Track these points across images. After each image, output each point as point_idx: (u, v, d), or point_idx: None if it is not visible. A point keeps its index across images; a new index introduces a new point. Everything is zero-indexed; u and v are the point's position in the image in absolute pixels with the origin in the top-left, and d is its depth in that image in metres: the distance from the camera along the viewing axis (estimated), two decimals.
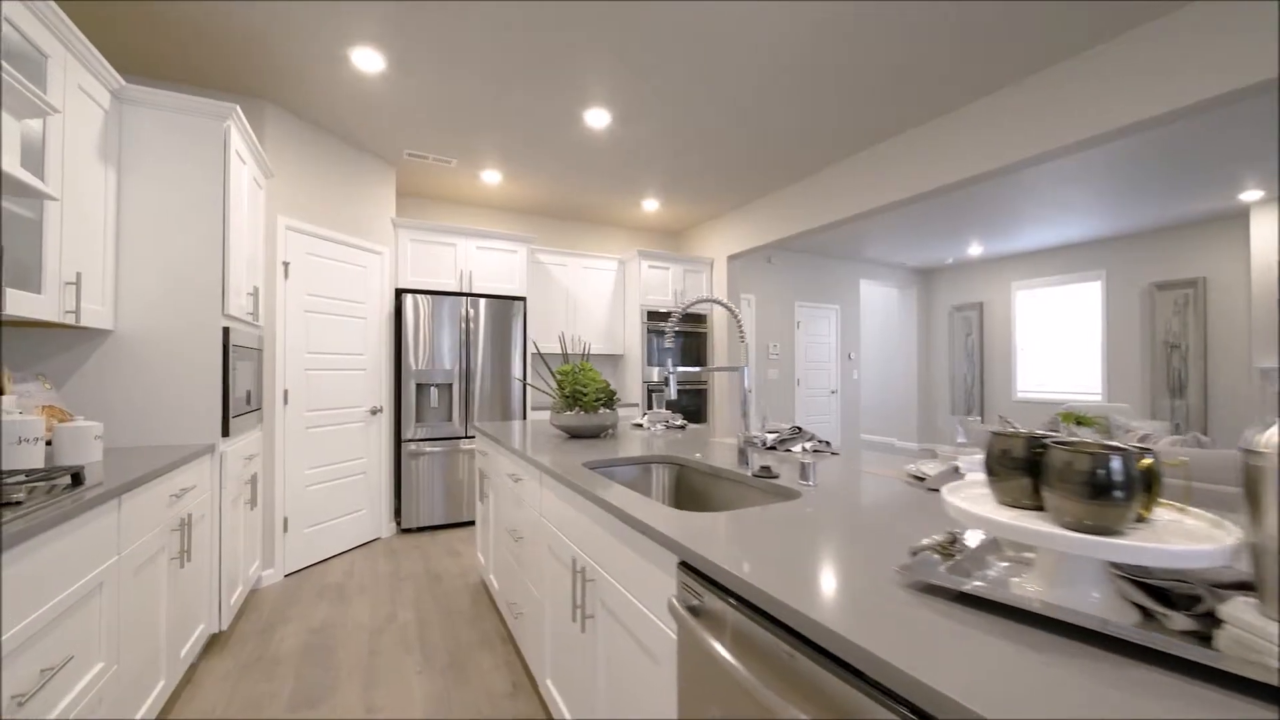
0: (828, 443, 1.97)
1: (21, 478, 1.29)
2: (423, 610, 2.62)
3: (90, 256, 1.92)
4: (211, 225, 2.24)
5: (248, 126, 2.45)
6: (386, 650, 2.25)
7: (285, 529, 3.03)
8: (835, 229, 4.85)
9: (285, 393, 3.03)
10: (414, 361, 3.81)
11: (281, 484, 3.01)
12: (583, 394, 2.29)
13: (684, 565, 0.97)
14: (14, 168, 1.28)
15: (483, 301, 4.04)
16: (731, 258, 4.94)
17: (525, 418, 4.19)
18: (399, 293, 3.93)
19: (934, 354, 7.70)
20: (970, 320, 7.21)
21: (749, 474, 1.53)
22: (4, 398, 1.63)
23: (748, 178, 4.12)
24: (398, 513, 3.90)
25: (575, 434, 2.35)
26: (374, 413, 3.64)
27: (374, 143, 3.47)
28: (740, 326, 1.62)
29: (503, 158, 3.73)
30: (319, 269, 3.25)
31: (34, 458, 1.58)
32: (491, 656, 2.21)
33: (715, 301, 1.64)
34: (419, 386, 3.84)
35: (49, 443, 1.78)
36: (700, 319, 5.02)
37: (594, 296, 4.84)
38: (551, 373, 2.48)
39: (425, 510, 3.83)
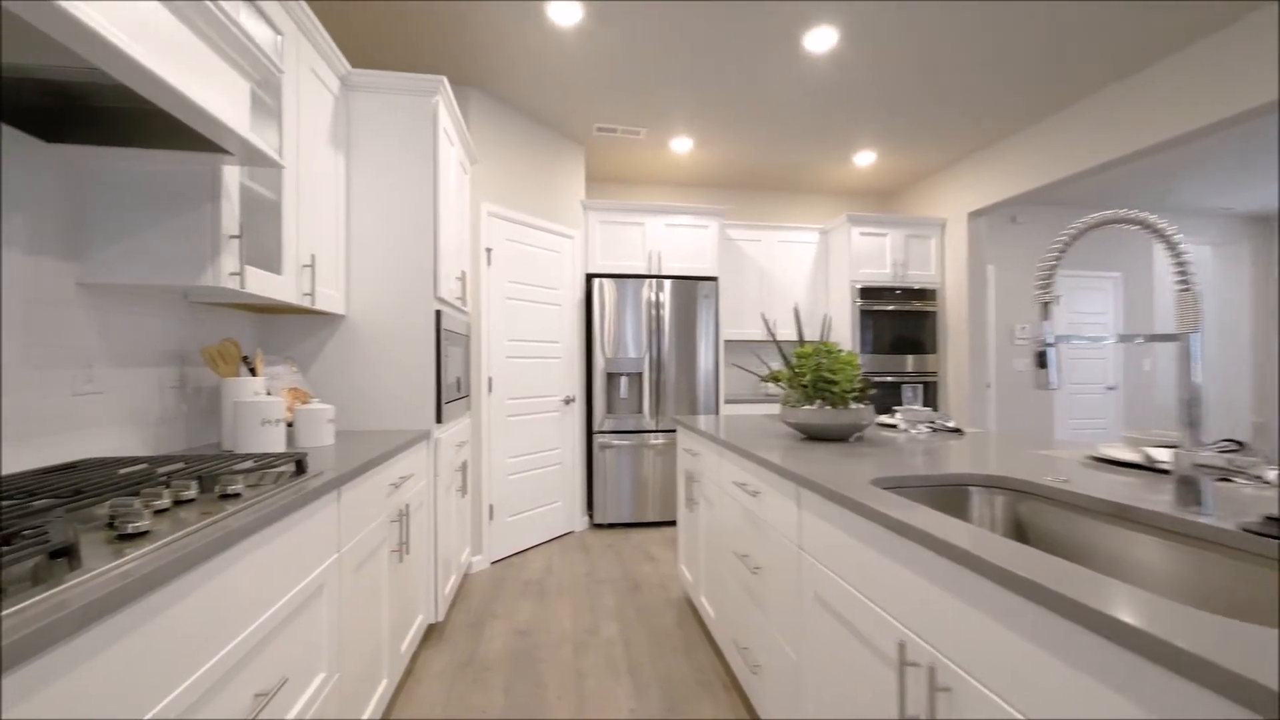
0: None
1: (250, 464, 1.19)
2: (626, 625, 2.32)
3: (323, 241, 1.94)
4: (423, 205, 2.18)
5: (454, 102, 2.38)
6: (594, 673, 1.97)
7: (491, 517, 3.02)
8: (1123, 167, 3.50)
9: (489, 380, 3.01)
10: (603, 350, 3.62)
11: (487, 472, 3.00)
12: (830, 383, 1.73)
13: None
14: (242, 126, 1.19)
15: (672, 284, 3.69)
16: (974, 215, 3.88)
17: (719, 411, 3.76)
18: (589, 278, 3.78)
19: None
20: None
21: (1230, 526, 0.83)
22: (255, 379, 1.65)
23: (1001, 104, 3.10)
24: (589, 506, 3.77)
25: (816, 435, 1.80)
26: (567, 402, 3.53)
27: (565, 120, 3.32)
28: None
29: (695, 120, 3.31)
30: (517, 255, 3.19)
31: (276, 440, 1.56)
32: (714, 705, 1.79)
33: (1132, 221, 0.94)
34: (609, 376, 3.64)
35: (290, 424, 1.81)
36: (924, 294, 4.05)
37: (791, 274, 4.20)
38: (785, 360, 1.96)
39: (615, 506, 3.62)
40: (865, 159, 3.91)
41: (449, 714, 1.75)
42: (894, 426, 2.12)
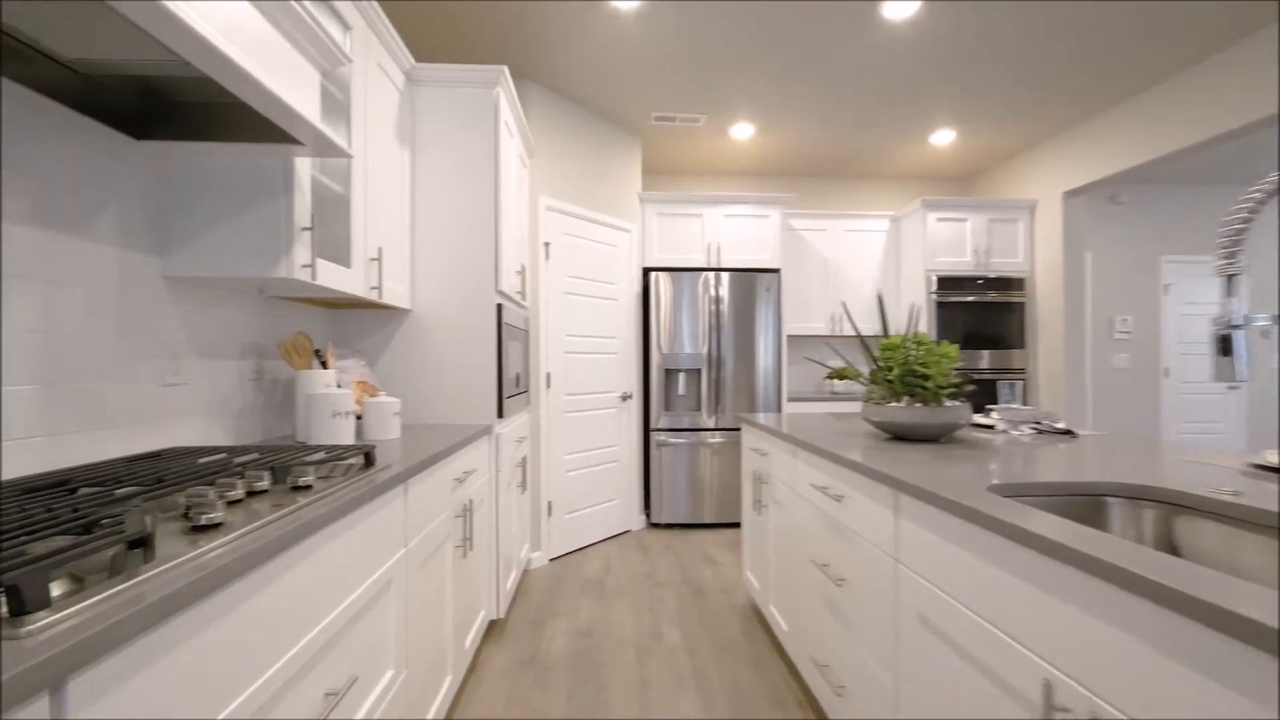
0: None
1: (321, 455, 1.18)
2: (689, 631, 2.22)
3: (390, 235, 1.95)
4: (485, 197, 2.16)
5: (514, 93, 2.36)
6: (658, 681, 1.88)
7: (549, 513, 3.00)
8: (1241, 139, 3.05)
9: (548, 376, 2.99)
10: (661, 345, 3.53)
11: (546, 468, 2.98)
12: (923, 378, 1.56)
13: None
14: (314, 115, 1.18)
15: (731, 278, 3.55)
16: (1070, 195, 3.52)
17: (780, 409, 3.59)
18: (646, 272, 3.70)
19: None
20: None
21: None
22: (326, 372, 1.67)
23: (1102, 73, 2.76)
24: (646, 505, 3.70)
25: (903, 435, 1.63)
26: (624, 399, 3.47)
27: (622, 110, 3.25)
28: None
29: (757, 104, 3.16)
30: (575, 249, 3.16)
31: (345, 432, 1.56)
32: None
33: None
34: (667, 373, 3.55)
35: (359, 417, 1.82)
36: (1010, 283, 3.71)
37: (858, 264, 3.97)
38: (869, 353, 1.80)
39: (672, 506, 3.53)
40: (943, 138, 3.62)
41: (511, 714, 1.71)
42: (988, 427, 1.91)
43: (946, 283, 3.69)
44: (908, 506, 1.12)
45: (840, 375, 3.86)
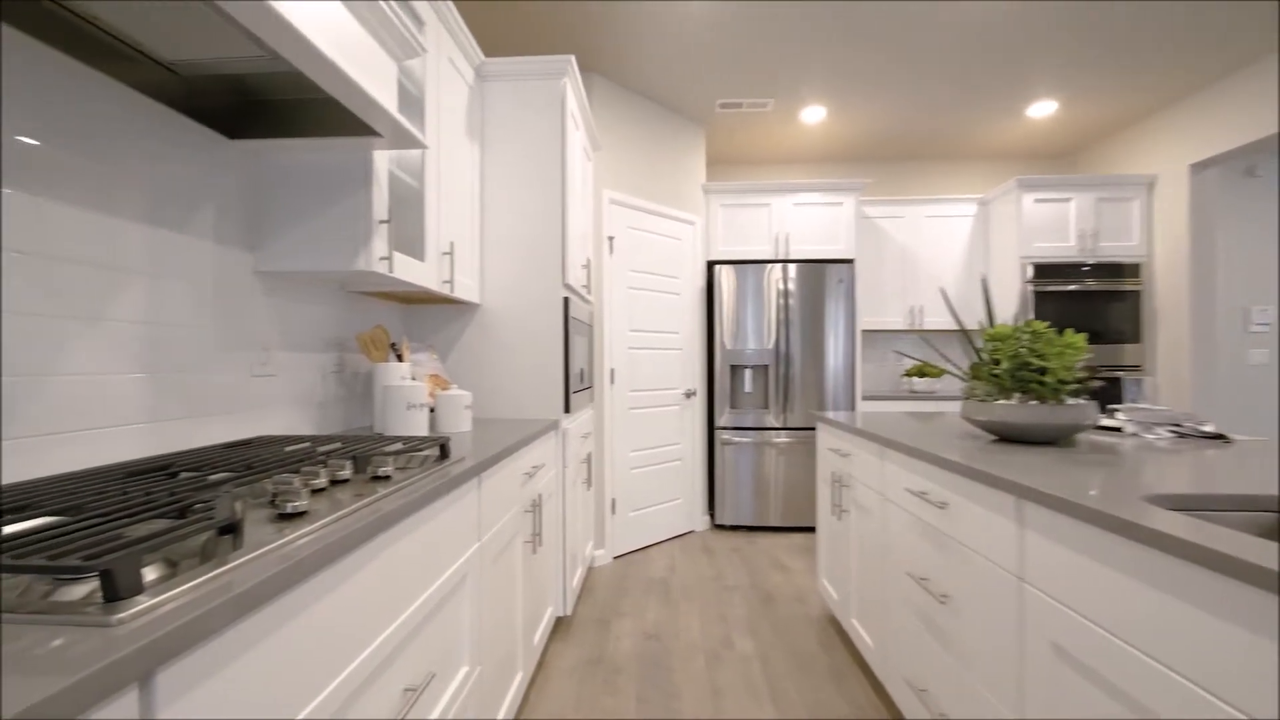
0: None
1: (399, 446, 1.17)
2: (762, 640, 2.10)
3: (461, 229, 1.96)
4: (552, 189, 2.14)
5: (580, 83, 2.33)
6: (731, 691, 1.79)
7: (613, 511, 2.97)
8: None
9: (612, 371, 2.95)
10: (725, 340, 3.42)
11: (609, 465, 2.94)
12: (1039, 371, 1.38)
13: None
14: (391, 106, 1.18)
15: (800, 270, 3.38)
16: (1199, 167, 3.09)
17: (855, 408, 3.38)
18: (711, 265, 3.60)
19: None
20: None
21: None
22: (402, 365, 1.69)
23: (1236, 27, 2.38)
24: (710, 506, 3.59)
25: (1013, 436, 1.45)
26: (688, 396, 3.38)
27: (686, 99, 3.16)
28: None
29: (829, 85, 2.98)
30: (639, 243, 3.10)
31: (420, 424, 1.57)
32: None
33: None
34: (732, 369, 3.43)
35: (432, 410, 1.84)
36: (1122, 270, 3.31)
37: (941, 253, 3.67)
38: (972, 346, 1.62)
39: (737, 507, 3.40)
40: (1042, 110, 3.27)
41: (581, 714, 1.67)
42: (1113, 430, 1.67)
43: (1045, 270, 3.34)
44: (1037, 518, 0.97)
45: (920, 373, 3.61)
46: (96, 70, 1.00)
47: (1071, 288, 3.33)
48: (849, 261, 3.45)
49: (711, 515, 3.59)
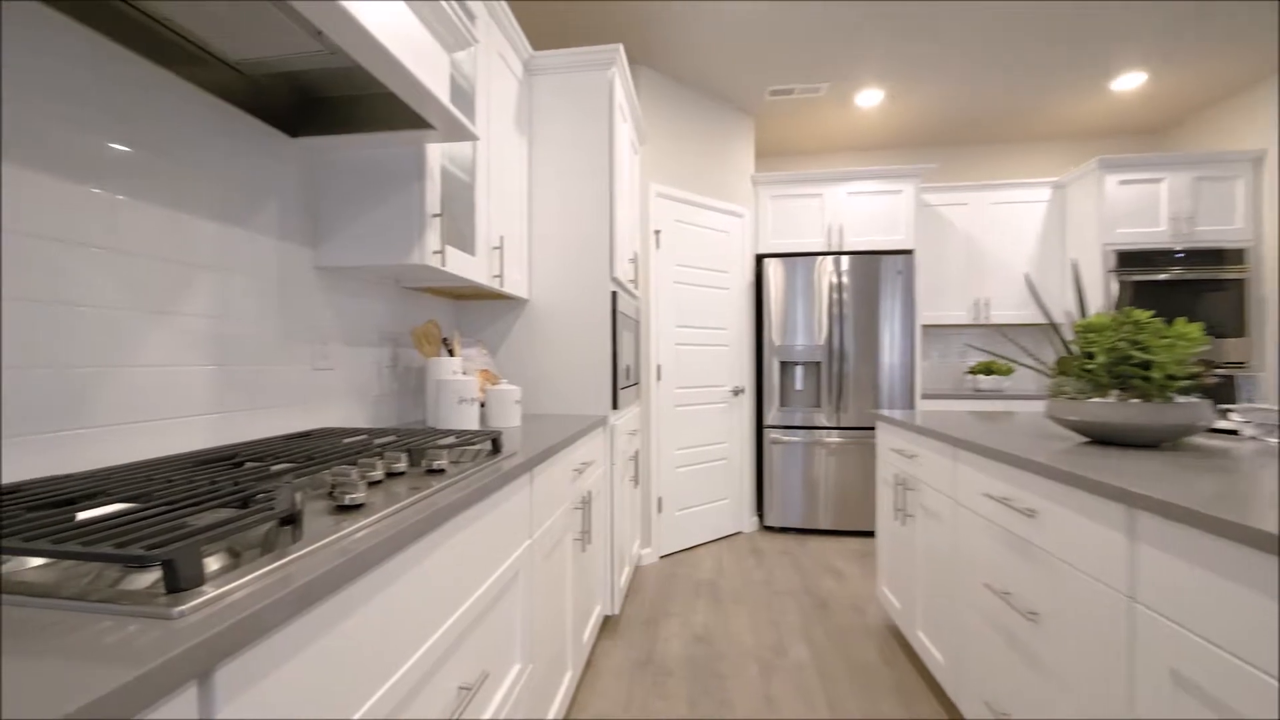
0: None
1: (452, 440, 1.16)
2: (817, 650, 2.01)
3: (510, 224, 1.96)
4: (599, 181, 2.11)
5: (628, 73, 2.29)
6: (786, 702, 1.71)
7: (659, 509, 2.92)
8: None
9: (658, 368, 2.90)
10: (775, 336, 3.31)
11: (656, 463, 2.90)
12: (1143, 366, 1.23)
13: None
14: (444, 97, 1.17)
15: (854, 262, 3.22)
16: None
17: (914, 406, 3.20)
18: (759, 259, 3.49)
19: None
20: None
21: None
22: (453, 359, 1.70)
23: None
24: (759, 507, 3.49)
25: (1109, 438, 1.31)
26: (736, 393, 3.29)
27: (735, 87, 3.06)
28: None
29: (887, 66, 2.82)
30: (685, 237, 3.04)
31: (471, 418, 1.57)
32: None
33: None
34: (782, 366, 3.31)
35: (483, 405, 1.84)
36: (1223, 256, 2.99)
37: (1010, 242, 3.43)
38: (1060, 339, 1.48)
39: (786, 508, 3.29)
40: (1129, 83, 2.99)
41: (631, 715, 1.63)
42: (1228, 432, 1.49)
43: (1130, 259, 3.06)
44: (1154, 531, 0.85)
45: (987, 369, 3.38)
46: (169, 71, 1.03)
47: (1162, 277, 3.03)
48: (908, 252, 3.26)
49: (760, 516, 3.48)
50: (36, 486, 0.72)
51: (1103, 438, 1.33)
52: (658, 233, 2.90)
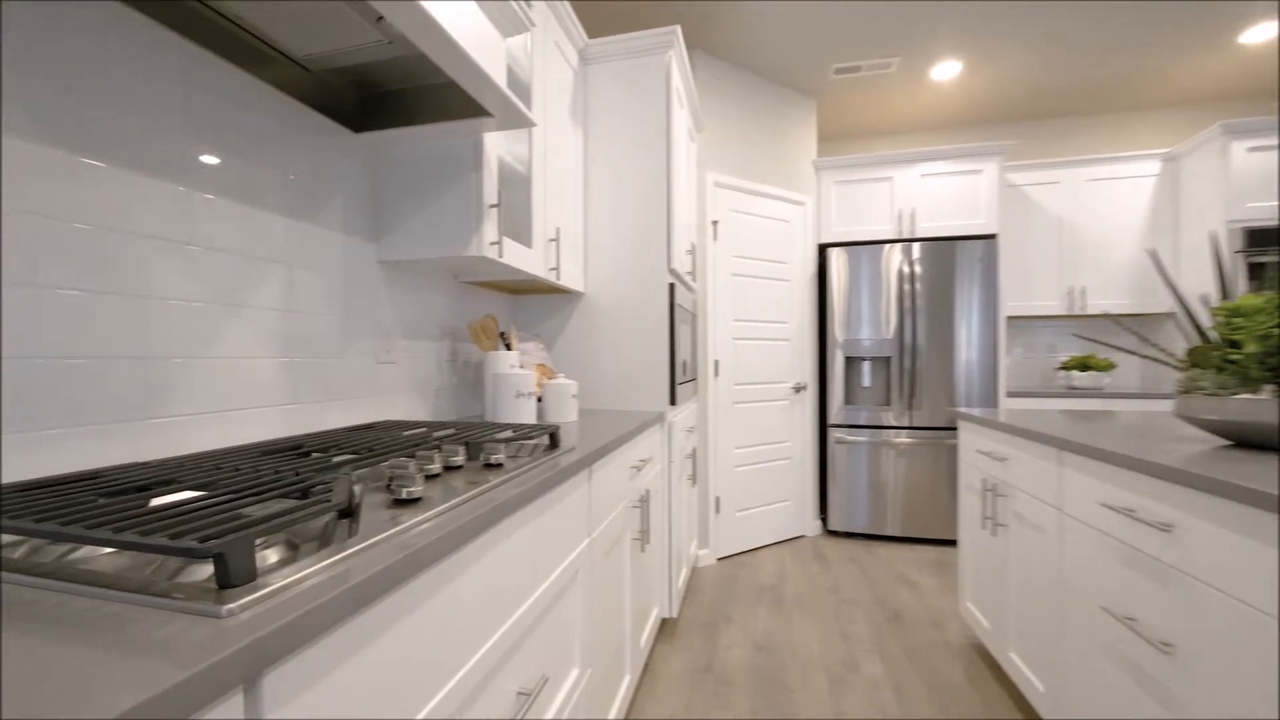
0: None
1: (509, 433, 1.13)
2: (893, 666, 1.86)
3: (565, 216, 1.93)
4: (656, 169, 2.05)
5: (685, 56, 2.20)
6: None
7: (717, 510, 2.82)
8: None
9: (716, 363, 2.81)
10: (840, 330, 3.13)
11: (713, 462, 2.80)
12: None
13: None
14: (501, 81, 1.14)
15: (927, 250, 3.00)
16: None
17: (998, 405, 2.94)
18: (822, 249, 3.32)
19: None
20: None
21: None
22: (510, 353, 1.68)
23: None
24: (822, 510, 3.32)
25: (1261, 441, 1.10)
26: (797, 390, 3.14)
27: (797, 68, 2.91)
28: None
29: (965, 34, 2.59)
30: (744, 227, 2.92)
31: (528, 412, 1.55)
32: None
33: None
34: (848, 361, 3.13)
35: (539, 399, 1.82)
36: None
37: (1108, 224, 3.09)
38: (1197, 329, 1.28)
39: (851, 512, 3.11)
40: (1262, 34, 2.60)
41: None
42: None
43: (1263, 236, 2.66)
44: None
45: (1083, 365, 3.06)
46: (245, 71, 1.05)
47: None
48: (990, 237, 2.99)
49: (823, 520, 3.32)
50: (115, 473, 0.73)
51: (1250, 440, 1.13)
52: (715, 223, 2.80)
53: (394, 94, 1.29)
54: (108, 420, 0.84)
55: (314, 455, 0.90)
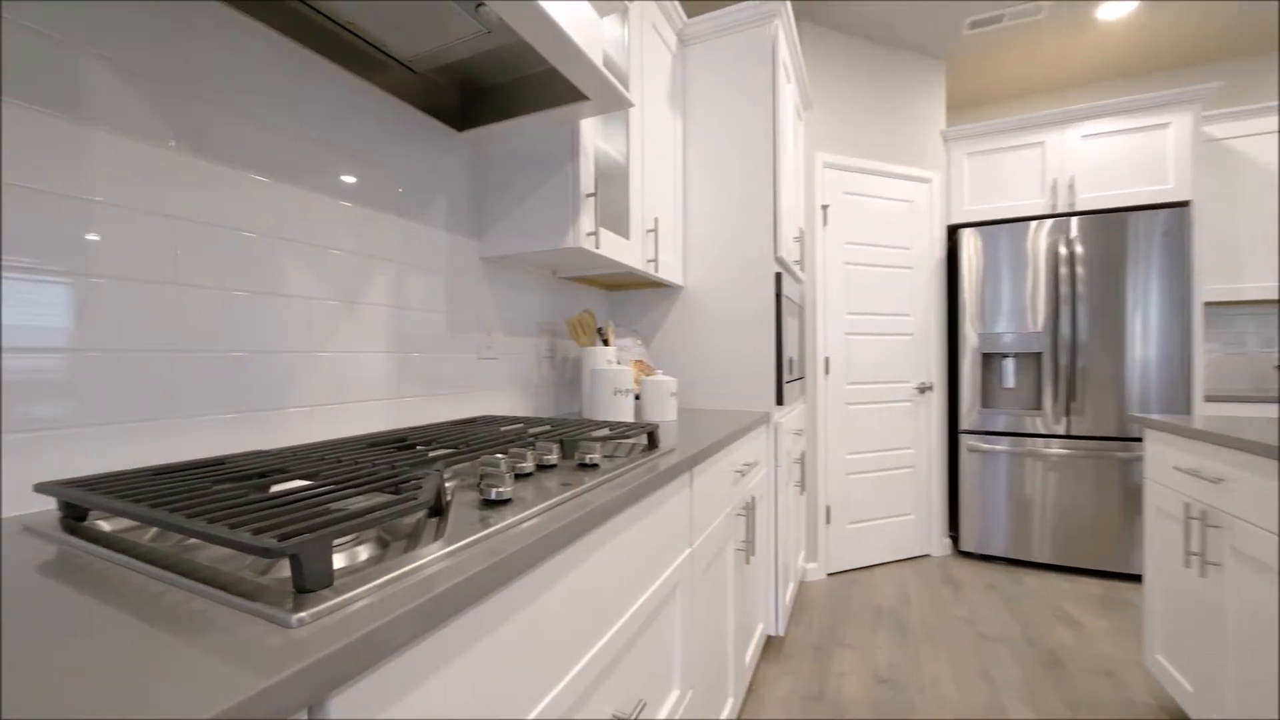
0: None
1: (605, 432, 1.07)
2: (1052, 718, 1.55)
3: (663, 206, 1.85)
4: (761, 150, 1.90)
5: (793, 27, 2.03)
6: None
7: (828, 520, 2.59)
8: None
9: (826, 360, 2.58)
10: (975, 323, 2.73)
11: (823, 468, 2.58)
12: None
13: None
14: (599, 60, 1.08)
15: (1088, 224, 2.51)
16: None
17: (1190, 411, 2.39)
18: (952, 231, 2.93)
19: None
20: None
21: None
22: (608, 349, 1.63)
23: None
24: (952, 526, 2.94)
25: None
26: (922, 390, 2.80)
27: (921, 28, 2.59)
28: None
29: None
30: (858, 211, 2.65)
31: (625, 410, 1.49)
32: None
33: None
34: (985, 358, 2.73)
35: (637, 397, 1.76)
36: None
37: None
38: None
39: (989, 532, 2.70)
40: None
41: None
42: None
43: None
44: None
45: None
46: (358, 77, 1.09)
47: None
48: (1181, 205, 2.44)
49: (954, 538, 2.93)
50: (237, 460, 0.77)
51: None
52: (825, 208, 2.57)
53: (493, 89, 1.29)
54: (250, 409, 0.89)
55: (416, 448, 0.89)
